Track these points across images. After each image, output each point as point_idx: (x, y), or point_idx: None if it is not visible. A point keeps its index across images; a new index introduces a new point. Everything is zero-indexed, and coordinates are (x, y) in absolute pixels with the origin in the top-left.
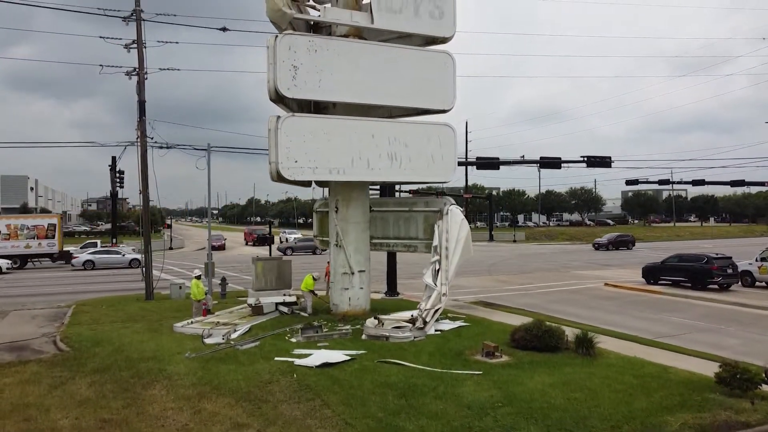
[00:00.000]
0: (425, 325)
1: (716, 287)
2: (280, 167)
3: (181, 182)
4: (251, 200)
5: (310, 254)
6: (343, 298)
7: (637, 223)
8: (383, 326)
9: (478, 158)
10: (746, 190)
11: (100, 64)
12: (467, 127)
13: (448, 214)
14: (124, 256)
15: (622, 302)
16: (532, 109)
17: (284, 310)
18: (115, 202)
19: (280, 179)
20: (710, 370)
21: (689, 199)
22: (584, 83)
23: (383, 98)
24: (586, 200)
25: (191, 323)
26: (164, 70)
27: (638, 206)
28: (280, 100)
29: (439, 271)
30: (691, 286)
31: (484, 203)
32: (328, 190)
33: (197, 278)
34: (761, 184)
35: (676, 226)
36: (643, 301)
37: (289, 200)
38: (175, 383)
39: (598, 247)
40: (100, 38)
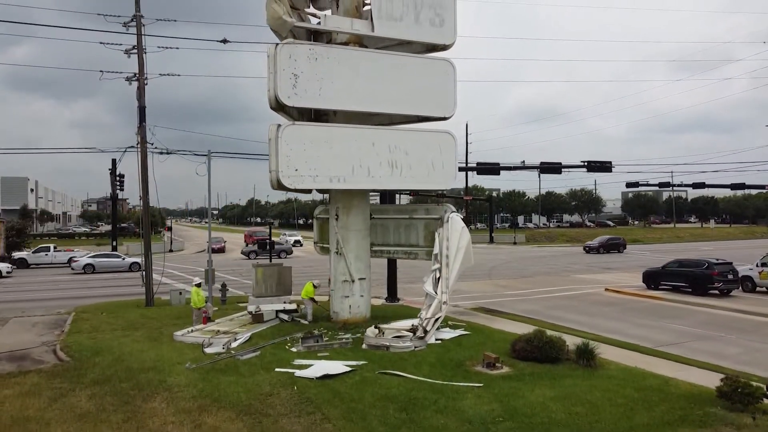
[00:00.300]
0: (426, 334)
1: (717, 293)
2: (280, 176)
3: (181, 182)
4: (251, 201)
5: (275, 257)
6: (343, 305)
7: (637, 224)
8: (384, 336)
9: (478, 163)
10: (746, 191)
11: (100, 69)
12: (467, 129)
13: (448, 221)
14: (124, 259)
15: (622, 308)
16: (532, 110)
17: (284, 317)
18: (115, 205)
19: (280, 187)
20: (711, 381)
21: (689, 200)
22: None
23: (384, 106)
24: (586, 201)
25: (191, 331)
26: (164, 75)
27: (638, 207)
28: (280, 108)
29: (439, 279)
30: (691, 291)
31: (484, 205)
32: (329, 195)
33: (197, 286)
34: (761, 187)
35: (676, 227)
36: (643, 307)
37: (289, 201)
38: (175, 395)
39: (588, 250)
40: (100, 43)
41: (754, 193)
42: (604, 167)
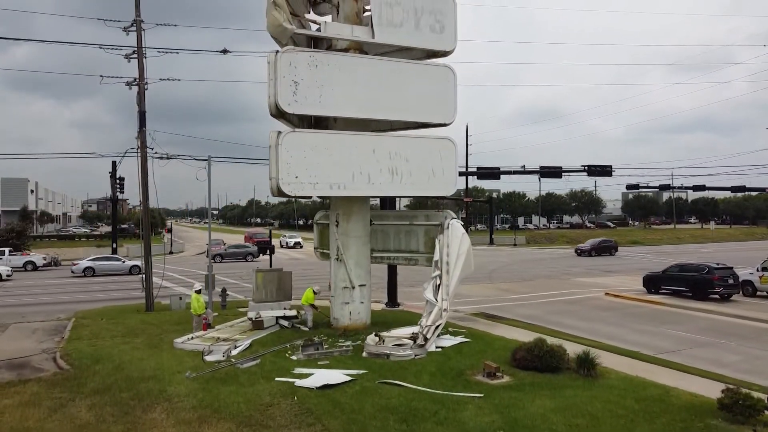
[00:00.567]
0: (426, 342)
1: (717, 297)
2: (280, 183)
3: (181, 182)
4: (251, 201)
5: (242, 261)
6: (343, 312)
7: (637, 225)
8: (384, 343)
9: (479, 168)
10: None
11: (100, 75)
12: (467, 130)
13: (449, 228)
14: (124, 263)
15: (622, 313)
16: (532, 110)
17: (285, 323)
18: (115, 207)
19: (280, 194)
20: (712, 391)
21: (689, 201)
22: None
23: (384, 112)
24: (586, 203)
25: (191, 338)
26: (165, 80)
27: (639, 208)
28: (280, 115)
29: (440, 286)
30: (692, 295)
31: (484, 206)
32: (329, 201)
33: (197, 292)
34: (761, 189)
35: (676, 228)
36: (643, 312)
37: (289, 202)
38: (175, 406)
39: (580, 252)
40: (100, 47)
41: (754, 194)
42: (604, 171)
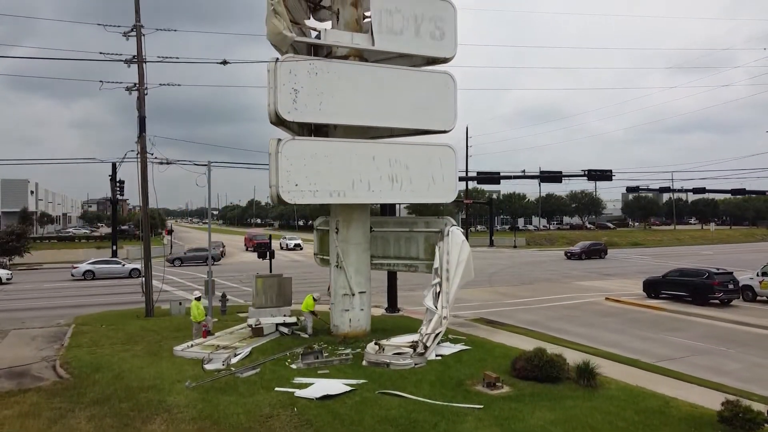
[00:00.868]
0: (426, 350)
1: (717, 302)
2: (280, 191)
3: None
4: (251, 202)
5: (203, 264)
6: (343, 319)
7: (637, 225)
8: (384, 352)
9: (479, 173)
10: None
11: (100, 80)
12: (467, 132)
13: (449, 235)
14: (123, 266)
15: (623, 319)
16: (532, 111)
17: (284, 330)
18: (114, 211)
19: (280, 202)
20: (712, 402)
21: (690, 201)
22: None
23: (384, 120)
24: (586, 204)
25: (191, 346)
26: (164, 85)
27: (639, 209)
28: (280, 123)
29: (439, 293)
30: (692, 301)
31: (484, 207)
32: (329, 207)
33: (197, 299)
34: (761, 193)
35: (676, 229)
36: (644, 318)
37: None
38: (175, 417)
39: (570, 256)
40: (100, 53)
41: (754, 195)
42: (604, 176)
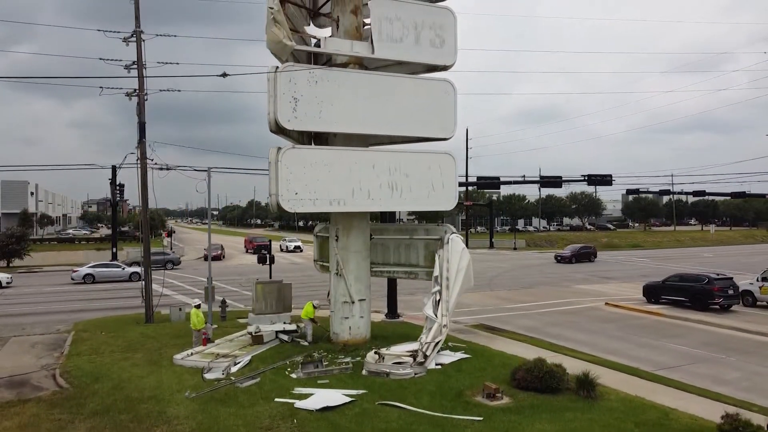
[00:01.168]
0: (426, 359)
1: (717, 308)
2: (280, 199)
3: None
4: (252, 202)
5: (161, 269)
6: (343, 327)
7: (637, 226)
8: (383, 361)
9: (479, 178)
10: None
11: (100, 86)
12: (467, 134)
13: (449, 243)
14: (123, 269)
15: (622, 325)
16: (533, 111)
17: (284, 338)
18: (114, 213)
19: (280, 211)
20: (712, 413)
21: (690, 203)
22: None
23: (384, 128)
24: (586, 205)
25: (191, 354)
26: (164, 91)
27: (639, 210)
28: (280, 131)
29: (439, 302)
30: (691, 306)
31: (484, 208)
32: (329, 214)
33: (197, 307)
34: (761, 196)
35: (676, 230)
36: (643, 324)
37: None
38: (174, 429)
39: (560, 259)
40: (100, 59)
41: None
42: (604, 181)
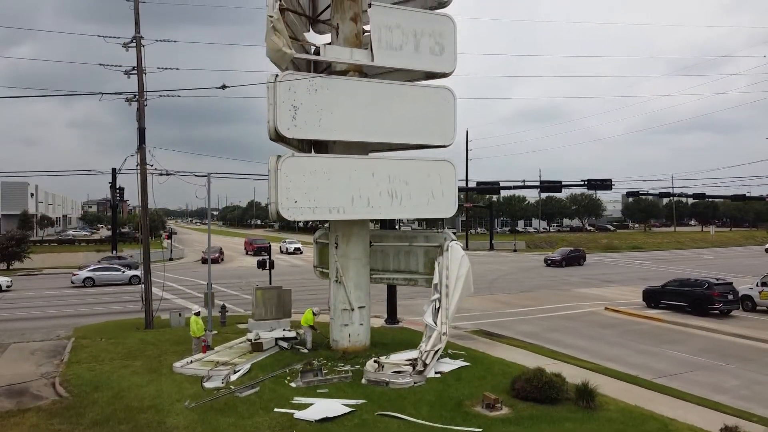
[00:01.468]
0: (425, 368)
1: (717, 313)
2: (279, 208)
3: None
4: (252, 203)
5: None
6: (342, 334)
7: (637, 227)
8: (383, 370)
9: (478, 183)
10: (747, 193)
11: (100, 92)
12: (467, 136)
13: (448, 250)
14: (123, 272)
15: (622, 331)
16: (533, 112)
17: (284, 345)
18: (114, 216)
19: (279, 219)
20: (712, 423)
21: (690, 203)
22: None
23: (383, 135)
24: (586, 206)
25: (191, 362)
26: (163, 96)
27: (639, 211)
28: (280, 139)
29: (439, 309)
30: (691, 311)
31: (484, 209)
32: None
33: (196, 315)
34: (761, 199)
35: (676, 231)
36: (643, 330)
37: None
38: None
39: (550, 263)
40: (99, 65)
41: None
42: (604, 185)
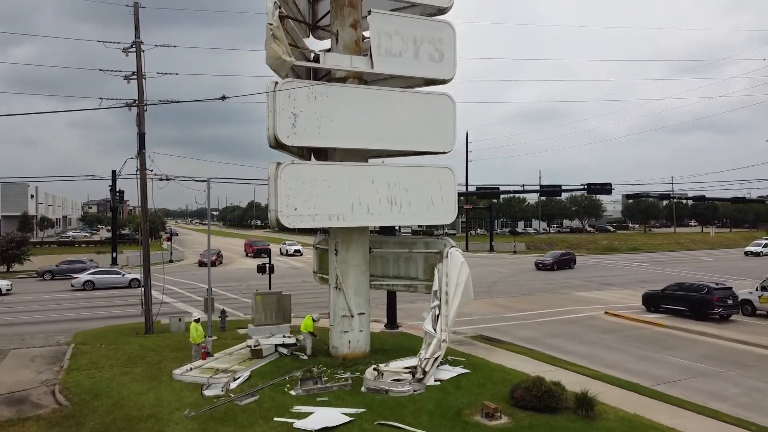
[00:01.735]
0: (425, 375)
1: (716, 317)
2: (279, 215)
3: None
4: (252, 203)
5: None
6: (342, 340)
7: (637, 228)
8: (383, 378)
9: (478, 188)
10: (747, 195)
11: (100, 97)
12: (467, 138)
13: (448, 257)
14: (123, 276)
15: (622, 336)
16: (532, 112)
17: (284, 351)
18: (114, 218)
19: (279, 226)
20: None
21: (690, 204)
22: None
23: (383, 142)
24: (586, 207)
25: (190, 370)
26: (163, 102)
27: (639, 212)
28: (279, 146)
29: (439, 316)
30: (691, 315)
31: (484, 210)
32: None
33: (196, 321)
34: (761, 201)
35: (676, 232)
36: (643, 335)
37: None
38: None
39: (541, 266)
40: (100, 70)
41: (754, 195)
42: (603, 189)
